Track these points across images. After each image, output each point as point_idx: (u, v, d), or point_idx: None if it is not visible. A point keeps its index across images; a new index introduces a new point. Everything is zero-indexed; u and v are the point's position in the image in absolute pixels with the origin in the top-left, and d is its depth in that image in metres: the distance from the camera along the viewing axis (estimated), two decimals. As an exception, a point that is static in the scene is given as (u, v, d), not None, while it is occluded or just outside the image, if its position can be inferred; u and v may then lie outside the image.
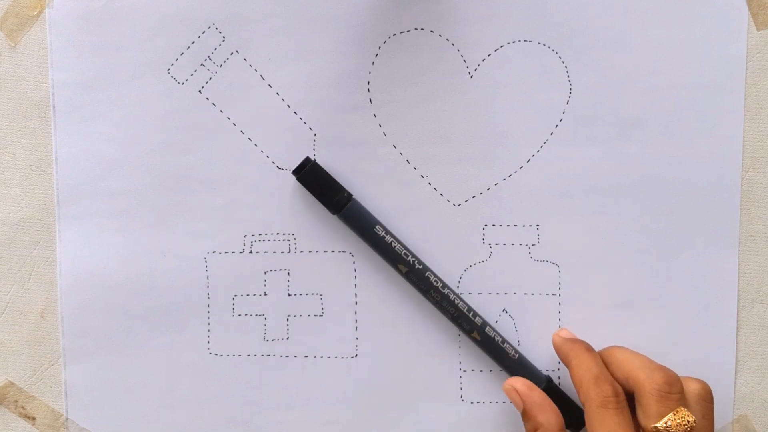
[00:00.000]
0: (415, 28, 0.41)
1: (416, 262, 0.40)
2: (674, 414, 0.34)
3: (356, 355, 0.42)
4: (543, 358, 0.42)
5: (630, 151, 0.41)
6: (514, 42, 0.41)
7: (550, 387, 0.40)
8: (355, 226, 0.40)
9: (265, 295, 0.42)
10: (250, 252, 0.42)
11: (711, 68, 0.41)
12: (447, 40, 0.41)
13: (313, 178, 0.40)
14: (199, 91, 0.41)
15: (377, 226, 0.40)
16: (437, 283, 0.40)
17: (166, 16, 0.40)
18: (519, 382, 0.39)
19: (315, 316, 0.42)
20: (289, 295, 0.42)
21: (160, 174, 0.41)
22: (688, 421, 0.34)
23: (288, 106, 0.41)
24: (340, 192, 0.40)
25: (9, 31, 0.41)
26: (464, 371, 0.42)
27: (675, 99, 0.41)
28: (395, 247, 0.40)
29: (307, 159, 0.40)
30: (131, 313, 0.42)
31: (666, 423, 0.34)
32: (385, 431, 0.42)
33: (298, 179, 0.40)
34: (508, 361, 0.41)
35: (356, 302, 0.42)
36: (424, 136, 0.41)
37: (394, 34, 0.41)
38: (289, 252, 0.42)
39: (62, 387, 0.42)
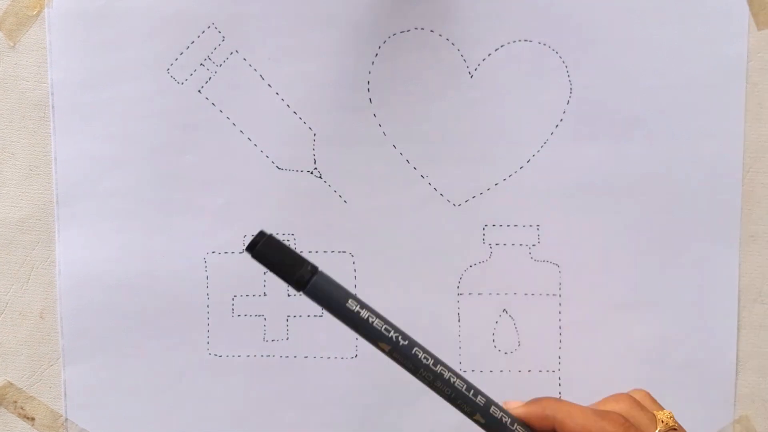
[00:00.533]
0: (415, 28, 0.40)
1: (400, 337, 0.33)
2: (662, 423, 0.33)
3: (356, 355, 0.42)
4: (544, 359, 0.42)
5: (630, 151, 0.41)
6: (514, 42, 0.41)
7: None
8: (323, 302, 0.33)
9: (265, 295, 0.42)
10: (250, 252, 0.42)
11: (711, 68, 0.40)
12: (447, 39, 0.41)
13: (270, 253, 0.33)
14: (199, 91, 0.41)
15: (350, 301, 0.32)
16: (427, 360, 0.33)
17: (166, 16, 0.40)
18: None
19: (315, 316, 0.42)
20: (288, 295, 0.42)
21: (159, 174, 0.41)
22: (670, 416, 0.33)
23: (288, 106, 0.41)
24: (303, 266, 0.32)
25: (8, 31, 0.41)
26: (464, 371, 0.42)
27: (675, 99, 0.41)
28: (373, 322, 0.33)
29: (261, 233, 0.32)
30: (131, 313, 0.42)
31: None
32: (385, 431, 0.42)
33: (252, 257, 0.33)
34: None
35: (356, 302, 0.42)
36: (424, 136, 0.41)
37: (394, 34, 0.40)
38: (288, 252, 0.42)
39: (61, 387, 0.42)
